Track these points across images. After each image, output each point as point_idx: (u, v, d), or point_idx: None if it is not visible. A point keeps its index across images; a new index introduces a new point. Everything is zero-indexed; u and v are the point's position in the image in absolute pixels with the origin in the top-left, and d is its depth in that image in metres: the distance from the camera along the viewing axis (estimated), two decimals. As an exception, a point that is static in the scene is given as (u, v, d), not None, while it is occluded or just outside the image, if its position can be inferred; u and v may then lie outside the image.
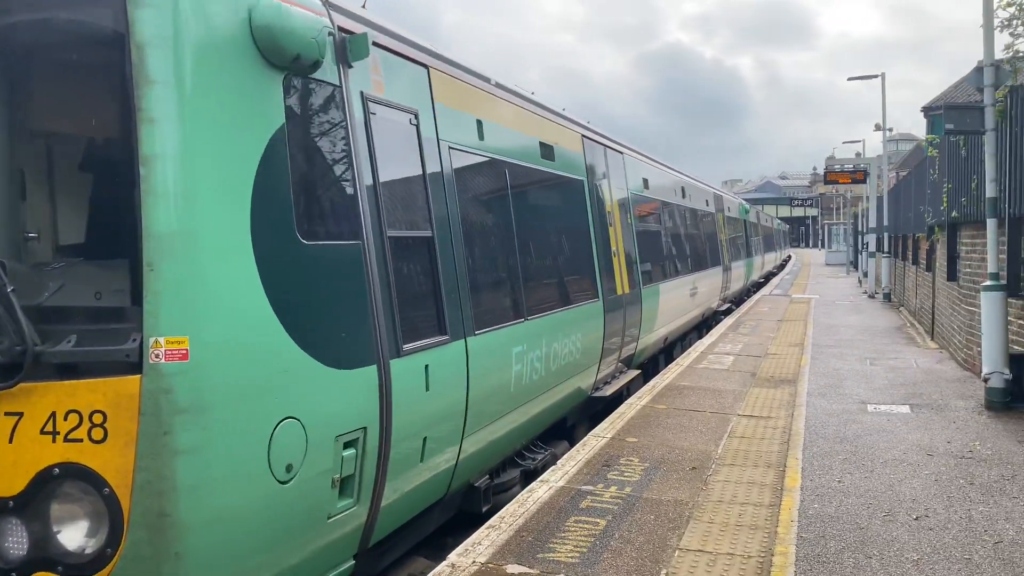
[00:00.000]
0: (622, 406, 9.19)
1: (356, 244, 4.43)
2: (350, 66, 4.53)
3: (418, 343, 4.95)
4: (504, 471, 7.01)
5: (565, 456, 7.12)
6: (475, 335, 5.79)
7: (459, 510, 6.24)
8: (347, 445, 4.23)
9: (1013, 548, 5.02)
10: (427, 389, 5.00)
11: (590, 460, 6.91)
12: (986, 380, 9.01)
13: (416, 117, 5.39)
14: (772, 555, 4.87)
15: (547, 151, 8.05)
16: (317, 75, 4.21)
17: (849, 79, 31.44)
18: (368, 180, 4.63)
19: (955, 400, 9.53)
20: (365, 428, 4.33)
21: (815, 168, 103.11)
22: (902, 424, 8.35)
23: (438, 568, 4.75)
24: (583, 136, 9.54)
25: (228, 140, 3.71)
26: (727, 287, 21.32)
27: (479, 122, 6.49)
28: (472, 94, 6.50)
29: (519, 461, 7.27)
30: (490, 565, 4.73)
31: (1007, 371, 8.89)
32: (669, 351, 14.55)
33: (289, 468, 3.82)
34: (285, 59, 3.90)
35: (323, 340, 4.09)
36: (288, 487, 3.81)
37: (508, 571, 4.65)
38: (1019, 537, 5.19)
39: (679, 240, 15.23)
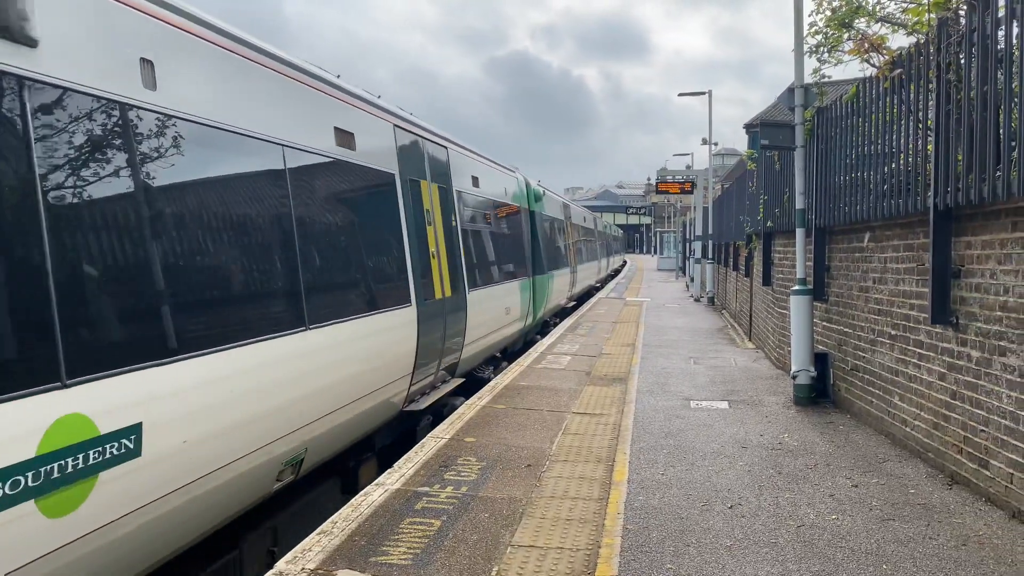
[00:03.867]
0: (461, 407, 9.22)
1: None
2: None
3: None
4: None
5: (403, 459, 7.06)
6: None
7: None
8: None
9: (813, 531, 5.47)
10: None
11: (427, 461, 6.90)
12: (794, 377, 9.77)
13: None
14: (599, 547, 5.05)
15: None
16: None
17: (680, 95, 33.22)
18: None
19: (768, 396, 10.28)
20: None
21: (649, 179, 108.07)
22: (721, 419, 8.91)
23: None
24: None
25: None
26: (445, 347, 9.78)
27: None
28: None
29: None
30: (320, 571, 4.61)
31: (812, 369, 9.69)
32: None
33: None
34: None
35: None
36: None
37: (339, 576, 4.55)
38: (819, 520, 5.66)
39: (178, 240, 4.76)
